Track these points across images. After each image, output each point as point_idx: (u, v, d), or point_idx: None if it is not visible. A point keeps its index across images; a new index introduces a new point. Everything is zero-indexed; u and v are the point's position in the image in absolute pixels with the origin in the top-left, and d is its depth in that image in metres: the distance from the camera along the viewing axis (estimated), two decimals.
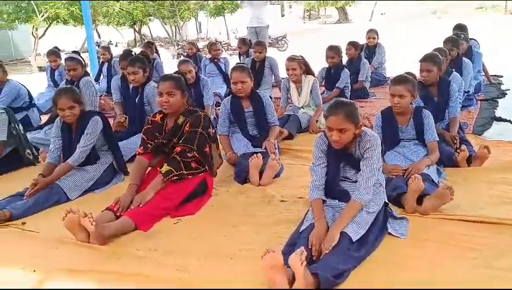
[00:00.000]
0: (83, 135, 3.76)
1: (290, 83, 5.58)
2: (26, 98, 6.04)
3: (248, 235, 2.94)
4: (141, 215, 3.08)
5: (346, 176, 2.89)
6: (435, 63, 4.21)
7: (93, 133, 3.78)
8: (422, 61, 4.24)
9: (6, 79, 5.90)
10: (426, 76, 4.21)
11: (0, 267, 2.72)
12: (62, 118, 3.82)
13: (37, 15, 19.70)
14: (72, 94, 3.77)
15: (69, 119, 3.78)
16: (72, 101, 3.72)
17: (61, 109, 3.72)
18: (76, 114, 3.77)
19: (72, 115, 3.75)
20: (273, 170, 3.81)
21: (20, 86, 6.02)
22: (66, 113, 3.73)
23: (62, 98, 3.71)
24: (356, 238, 2.52)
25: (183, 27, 27.71)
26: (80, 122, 3.82)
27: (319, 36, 23.13)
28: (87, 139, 3.76)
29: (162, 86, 3.40)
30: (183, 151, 3.34)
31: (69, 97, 3.72)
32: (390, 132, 3.68)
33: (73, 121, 3.82)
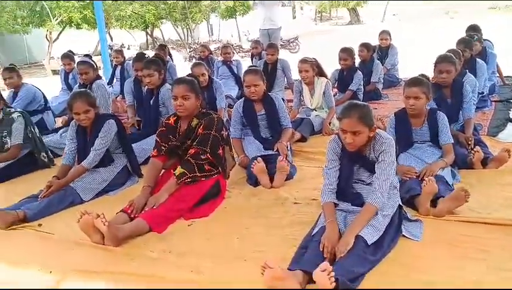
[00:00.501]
0: (97, 138, 3.80)
1: (302, 85, 5.57)
2: (41, 101, 6.11)
3: (261, 237, 2.94)
4: (155, 217, 3.10)
5: (360, 179, 2.89)
6: (452, 63, 4.19)
7: (107, 136, 3.82)
8: (441, 62, 4.20)
9: (22, 83, 5.99)
10: (446, 77, 4.18)
11: (17, 268, 2.76)
12: (77, 121, 3.86)
13: (51, 19, 19.92)
14: (87, 98, 3.81)
15: (84, 123, 3.82)
16: (87, 105, 3.77)
17: (77, 113, 3.76)
18: (91, 117, 3.81)
19: (87, 119, 3.80)
20: (283, 172, 3.81)
21: (36, 89, 6.09)
22: (81, 117, 3.77)
23: (77, 102, 3.75)
24: (372, 242, 2.51)
25: (195, 30, 27.83)
26: (95, 125, 3.86)
27: (330, 38, 23.07)
28: (101, 142, 3.80)
29: (177, 89, 3.42)
30: (197, 153, 3.36)
31: (84, 101, 3.76)
32: (404, 134, 3.66)
33: (88, 124, 3.86)
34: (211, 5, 25.30)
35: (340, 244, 2.48)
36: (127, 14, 22.32)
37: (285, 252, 2.67)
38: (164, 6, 23.63)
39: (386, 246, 2.60)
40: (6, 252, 2.97)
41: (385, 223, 2.66)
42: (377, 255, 2.52)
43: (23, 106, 5.72)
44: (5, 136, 4.38)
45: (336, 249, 2.48)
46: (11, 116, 4.39)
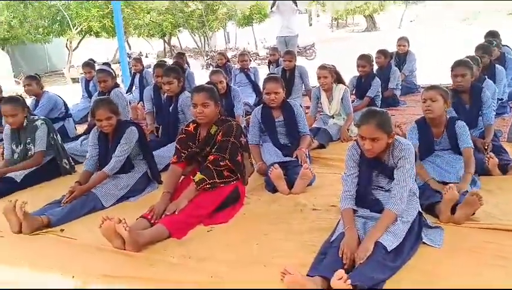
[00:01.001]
0: (118, 145, 3.86)
1: (320, 92, 5.59)
2: (62, 109, 6.22)
3: (280, 243, 2.95)
4: (175, 223, 3.13)
5: (379, 185, 2.89)
6: (468, 67, 4.19)
7: (128, 143, 3.88)
8: (456, 67, 4.22)
9: (43, 91, 6.11)
10: (461, 81, 4.18)
11: (40, 273, 2.81)
12: (99, 128, 3.94)
13: (71, 28, 20.25)
14: (109, 105, 3.90)
15: (106, 130, 3.90)
16: (109, 112, 3.84)
17: (99, 119, 3.84)
18: (113, 124, 3.89)
19: (109, 126, 3.87)
20: (305, 179, 3.81)
21: (57, 97, 6.21)
22: (104, 124, 3.85)
23: (100, 109, 3.84)
24: (391, 248, 2.50)
25: (212, 37, 28.01)
26: (116, 132, 3.93)
27: (347, 44, 23.03)
28: (123, 149, 3.86)
29: (196, 97, 3.46)
30: (216, 159, 3.39)
31: (106, 108, 3.84)
32: (425, 143, 3.62)
33: (110, 131, 3.93)
34: (228, 13, 25.46)
35: (360, 251, 2.48)
36: (145, 22, 22.60)
37: (304, 258, 2.68)
38: (181, 15, 23.85)
39: (406, 253, 2.60)
40: (30, 256, 3.02)
41: (405, 230, 2.65)
42: (397, 261, 2.51)
43: (44, 113, 5.84)
44: (29, 143, 4.47)
45: (355, 255, 2.48)
46: (34, 123, 4.48)
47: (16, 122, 4.42)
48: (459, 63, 4.24)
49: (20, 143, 4.51)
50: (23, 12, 19.59)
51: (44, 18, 20.37)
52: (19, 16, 19.47)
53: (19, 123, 4.44)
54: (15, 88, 13.81)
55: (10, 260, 2.97)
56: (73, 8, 19.86)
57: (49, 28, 20.88)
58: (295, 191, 3.77)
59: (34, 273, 2.82)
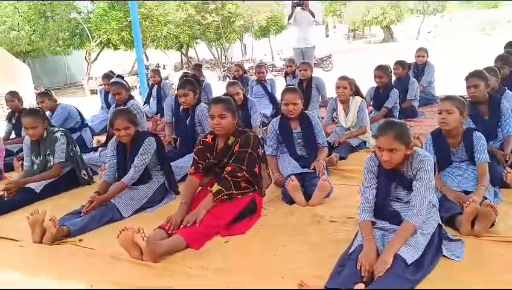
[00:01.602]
0: (137, 155, 3.90)
1: (337, 103, 5.58)
2: (77, 118, 6.31)
3: (298, 255, 2.94)
4: (193, 233, 3.13)
5: (398, 197, 2.86)
6: (481, 78, 4.16)
7: (146, 154, 3.92)
8: (469, 78, 4.20)
9: (57, 104, 6.22)
10: (474, 92, 4.15)
11: (59, 282, 2.83)
12: (118, 137, 3.98)
13: (90, 41, 20.59)
14: (128, 115, 3.94)
15: (124, 139, 3.94)
16: (127, 122, 3.89)
17: (117, 129, 3.89)
18: (131, 134, 3.93)
19: (127, 135, 3.91)
20: (323, 190, 3.79)
21: (70, 107, 6.30)
22: (122, 133, 3.89)
23: (118, 118, 3.89)
24: (411, 261, 2.47)
25: (229, 49, 28.22)
26: (135, 143, 3.97)
27: (363, 55, 22.99)
28: (141, 159, 3.89)
29: (214, 108, 3.48)
30: (233, 170, 3.39)
31: (124, 118, 3.89)
32: (442, 154, 3.58)
33: (128, 141, 3.97)
34: (245, 24, 25.66)
35: (379, 263, 2.45)
36: (163, 34, 22.86)
37: (322, 270, 2.65)
38: (199, 27, 24.09)
39: (426, 266, 2.56)
40: (49, 266, 3.05)
41: (425, 243, 2.61)
42: (417, 275, 2.47)
43: (60, 123, 5.96)
44: (48, 154, 4.53)
45: (373, 268, 2.45)
46: (54, 135, 4.54)
47: (36, 134, 4.49)
48: (472, 74, 4.22)
49: (39, 154, 4.58)
50: (44, 25, 19.97)
51: (64, 31, 20.76)
52: (39, 29, 19.86)
53: (39, 135, 4.51)
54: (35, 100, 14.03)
55: (29, 270, 2.99)
56: (93, 21, 20.21)
57: (69, 40, 21.28)
58: (312, 203, 3.75)
59: (53, 283, 2.83)
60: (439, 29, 37.97)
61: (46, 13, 19.92)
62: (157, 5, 21.43)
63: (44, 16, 20.00)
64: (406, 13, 36.40)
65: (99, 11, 20.11)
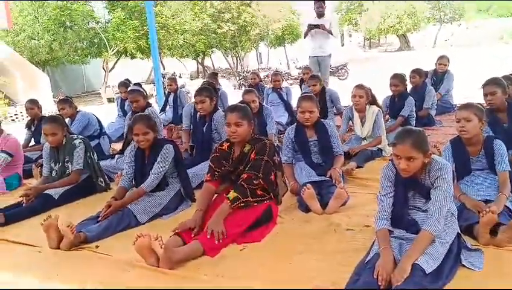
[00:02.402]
0: (155, 163, 3.92)
1: (353, 112, 5.55)
2: (96, 126, 6.38)
3: (314, 263, 2.92)
4: (211, 241, 3.13)
5: (416, 205, 2.83)
6: (497, 85, 4.14)
7: (165, 161, 3.95)
8: (485, 86, 4.20)
9: (76, 111, 6.29)
10: (491, 99, 4.14)
11: (76, 287, 2.85)
12: (136, 142, 4.02)
13: (107, 50, 20.84)
14: (148, 121, 3.98)
15: (142, 145, 3.97)
16: (146, 127, 3.93)
17: (136, 134, 3.93)
18: (149, 140, 3.96)
19: (145, 141, 3.94)
20: (340, 199, 3.77)
21: (90, 114, 6.37)
22: (140, 138, 3.93)
23: (138, 123, 3.94)
24: (430, 271, 2.43)
25: (244, 58, 28.34)
26: (153, 149, 4.00)
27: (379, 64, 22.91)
28: (160, 167, 3.92)
29: (230, 116, 3.49)
30: (250, 178, 3.39)
31: (144, 123, 3.93)
32: (461, 163, 3.52)
33: (147, 147, 4.00)
34: (260, 33, 25.75)
35: (397, 272, 2.42)
36: (179, 43, 23.06)
37: (338, 278, 2.64)
38: (214, 36, 24.25)
39: (445, 276, 2.52)
40: (66, 272, 3.07)
41: (443, 252, 2.58)
42: (436, 284, 2.43)
43: (79, 130, 6.02)
44: (67, 161, 4.58)
45: (391, 276, 2.42)
46: (73, 142, 4.59)
47: (55, 141, 4.55)
48: (488, 81, 4.21)
49: (58, 161, 4.63)
50: (63, 35, 20.29)
51: (82, 40, 21.05)
52: (59, 38, 20.17)
53: (58, 142, 4.57)
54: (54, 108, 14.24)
55: (47, 275, 3.02)
56: (110, 31, 20.47)
57: (87, 49, 21.56)
58: (329, 211, 3.73)
59: (69, 287, 2.87)
60: (456, 38, 37.68)
61: (65, 23, 20.24)
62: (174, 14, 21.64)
63: (64, 26, 20.31)
64: (423, 21, 36.18)
65: (117, 20, 20.35)
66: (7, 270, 3.16)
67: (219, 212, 3.29)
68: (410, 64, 8.79)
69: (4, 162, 5.01)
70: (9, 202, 4.44)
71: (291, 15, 27.00)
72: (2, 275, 3.09)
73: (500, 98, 4.12)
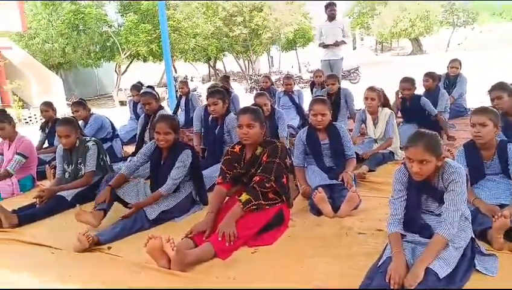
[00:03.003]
0: (174, 168, 3.90)
1: (366, 114, 5.54)
2: (109, 129, 6.42)
3: (326, 267, 2.90)
4: (223, 243, 3.13)
5: (429, 210, 2.81)
6: (503, 89, 4.21)
7: (184, 167, 3.94)
8: (492, 90, 4.28)
9: (90, 114, 6.35)
10: (497, 103, 4.18)
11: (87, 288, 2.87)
12: (156, 141, 4.02)
13: (120, 53, 21.00)
14: (171, 121, 3.99)
15: (162, 144, 3.98)
16: (168, 128, 3.94)
17: (158, 132, 3.95)
18: (169, 141, 3.96)
19: (165, 141, 3.95)
20: (352, 202, 3.74)
21: (104, 117, 6.42)
22: (161, 138, 3.94)
23: (161, 122, 3.95)
24: (443, 275, 2.40)
25: (256, 61, 28.40)
26: (171, 151, 4.01)
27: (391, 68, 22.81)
28: (179, 172, 3.91)
29: (242, 118, 3.49)
30: (261, 181, 3.37)
31: (167, 123, 3.94)
32: (475, 167, 3.48)
33: (166, 148, 4.00)
34: (272, 37, 25.79)
35: (410, 277, 2.39)
36: (191, 47, 23.17)
37: (350, 282, 2.62)
38: (226, 39, 24.34)
39: (459, 281, 2.49)
40: (78, 273, 3.09)
41: (457, 257, 2.55)
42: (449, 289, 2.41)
43: (92, 133, 6.07)
44: (80, 163, 4.62)
45: (404, 281, 2.40)
46: (86, 144, 4.63)
47: (68, 143, 4.59)
48: (494, 86, 4.30)
49: (71, 163, 4.67)
50: (76, 38, 20.49)
51: (95, 44, 21.26)
52: (72, 42, 20.38)
53: (71, 144, 4.61)
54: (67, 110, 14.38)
55: (60, 276, 3.04)
56: (123, 34, 20.64)
57: (100, 53, 21.77)
58: (340, 215, 3.71)
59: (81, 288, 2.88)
60: (469, 42, 37.42)
61: (78, 27, 20.46)
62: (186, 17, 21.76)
63: (77, 30, 20.53)
64: (436, 25, 35.98)
65: (129, 24, 20.52)
66: (21, 270, 3.18)
67: (231, 215, 3.28)
68: (423, 68, 8.73)
69: (19, 164, 5.06)
70: (22, 203, 4.48)
71: (303, 18, 27.02)
72: (16, 276, 3.12)
73: (507, 102, 4.14)
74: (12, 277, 3.11)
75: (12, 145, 5.19)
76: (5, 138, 5.23)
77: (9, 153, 5.19)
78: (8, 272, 3.18)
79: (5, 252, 3.61)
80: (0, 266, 3.30)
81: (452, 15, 38.29)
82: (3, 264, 3.33)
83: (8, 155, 5.20)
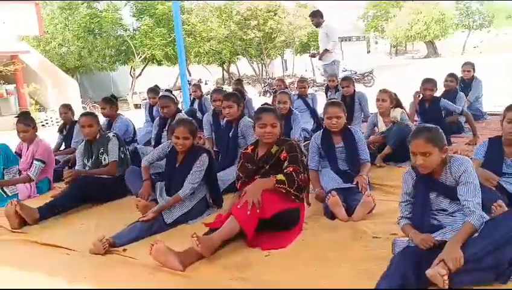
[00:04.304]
0: (192, 172, 3.89)
1: (377, 118, 5.53)
2: (131, 134, 6.47)
3: (340, 271, 2.88)
4: (244, 215, 3.12)
5: (441, 208, 2.78)
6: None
7: (201, 172, 3.93)
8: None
9: (117, 114, 6.42)
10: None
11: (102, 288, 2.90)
12: (175, 145, 4.02)
13: (135, 56, 21.17)
14: (190, 126, 4.00)
15: (179, 148, 3.98)
16: (187, 132, 3.94)
17: (177, 136, 3.95)
18: (187, 145, 3.97)
19: (184, 146, 3.95)
20: (367, 206, 3.72)
21: (129, 123, 6.45)
22: (180, 142, 3.94)
23: (181, 126, 3.95)
24: None
25: (270, 65, 28.42)
26: (188, 155, 4.00)
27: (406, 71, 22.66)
28: (196, 177, 3.90)
29: (267, 117, 3.51)
30: (296, 171, 3.38)
31: (187, 128, 3.94)
32: (493, 162, 3.45)
33: (184, 151, 4.01)
34: (286, 40, 25.80)
35: (449, 257, 2.36)
36: (205, 50, 23.29)
37: (364, 286, 2.60)
38: (240, 43, 24.40)
39: None
40: (93, 275, 3.12)
41: None
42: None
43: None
44: (102, 153, 4.72)
45: (445, 261, 2.37)
46: (106, 135, 4.79)
47: (91, 133, 4.77)
48: None
49: (92, 156, 4.81)
50: (92, 42, 20.71)
51: (111, 48, 21.46)
52: (88, 46, 20.60)
53: (94, 134, 4.79)
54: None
55: (75, 278, 3.08)
56: (138, 38, 20.81)
57: (115, 56, 21.97)
58: (355, 218, 3.68)
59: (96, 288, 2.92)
60: (485, 45, 37.05)
61: (94, 30, 20.69)
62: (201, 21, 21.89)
63: (93, 33, 20.76)
64: (451, 28, 35.69)
65: (144, 28, 20.70)
66: (37, 271, 3.23)
67: (260, 182, 3.29)
68: (438, 71, 8.67)
69: (39, 169, 5.15)
70: (39, 204, 4.45)
71: None
72: (31, 276, 3.16)
73: None
74: (27, 278, 3.15)
75: (30, 147, 5.26)
76: (26, 140, 5.30)
77: (28, 155, 5.26)
78: (23, 273, 3.23)
79: (21, 253, 3.67)
80: (16, 267, 3.35)
81: (468, 18, 37.97)
82: (19, 265, 3.38)
83: (27, 157, 5.27)
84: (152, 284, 2.90)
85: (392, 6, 37.46)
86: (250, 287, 2.76)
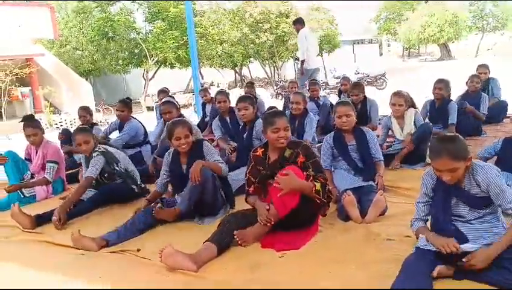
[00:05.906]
0: (208, 159, 3.99)
1: (391, 121, 5.50)
2: (141, 137, 6.52)
3: (353, 272, 2.87)
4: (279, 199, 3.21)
5: (459, 214, 2.72)
6: None
7: (214, 153, 4.03)
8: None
9: (130, 117, 6.49)
10: None
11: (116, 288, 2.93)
12: (177, 147, 4.01)
13: (148, 59, 21.30)
14: (187, 124, 4.06)
15: (184, 148, 3.99)
16: (187, 130, 3.98)
17: (179, 137, 3.95)
18: (190, 143, 4.00)
19: (187, 144, 3.98)
20: (379, 206, 3.71)
21: (140, 126, 6.51)
22: (182, 142, 3.96)
23: (179, 127, 3.97)
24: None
25: (282, 68, 28.41)
26: (191, 154, 4.02)
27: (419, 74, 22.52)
28: (218, 157, 4.01)
29: (280, 121, 3.48)
30: (327, 184, 3.41)
31: (184, 126, 3.98)
32: (505, 158, 3.43)
33: (187, 150, 4.02)
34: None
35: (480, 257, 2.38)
36: (217, 53, 23.35)
37: (379, 288, 2.60)
38: (252, 46, 24.45)
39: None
40: (108, 274, 3.14)
41: None
42: None
43: (125, 140, 6.24)
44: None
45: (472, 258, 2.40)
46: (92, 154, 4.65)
47: (89, 149, 4.66)
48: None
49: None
50: (106, 45, 20.89)
51: (124, 51, 21.62)
52: (101, 49, 20.78)
53: (91, 149, 4.67)
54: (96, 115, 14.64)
55: (91, 278, 3.11)
56: (151, 41, 20.94)
57: (128, 59, 22.13)
58: (368, 220, 3.66)
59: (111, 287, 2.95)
60: (499, 47, 36.69)
61: (108, 34, 20.87)
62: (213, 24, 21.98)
63: (106, 37, 20.94)
64: (464, 30, 35.39)
65: (157, 31, 20.83)
66: (52, 270, 3.27)
67: (298, 182, 3.25)
68: (452, 74, 8.61)
69: (53, 170, 5.21)
70: (55, 205, 4.48)
71: (329, 24, 26.96)
72: (47, 276, 3.21)
73: None
74: (43, 278, 3.19)
75: (39, 150, 5.31)
76: (36, 143, 5.34)
77: (38, 158, 5.32)
78: (38, 273, 3.27)
79: (35, 253, 3.72)
80: (30, 266, 3.40)
81: (481, 20, 37.64)
82: (34, 265, 3.42)
83: (37, 160, 5.32)
84: (166, 285, 2.91)
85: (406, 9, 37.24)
86: (264, 287, 2.77)
